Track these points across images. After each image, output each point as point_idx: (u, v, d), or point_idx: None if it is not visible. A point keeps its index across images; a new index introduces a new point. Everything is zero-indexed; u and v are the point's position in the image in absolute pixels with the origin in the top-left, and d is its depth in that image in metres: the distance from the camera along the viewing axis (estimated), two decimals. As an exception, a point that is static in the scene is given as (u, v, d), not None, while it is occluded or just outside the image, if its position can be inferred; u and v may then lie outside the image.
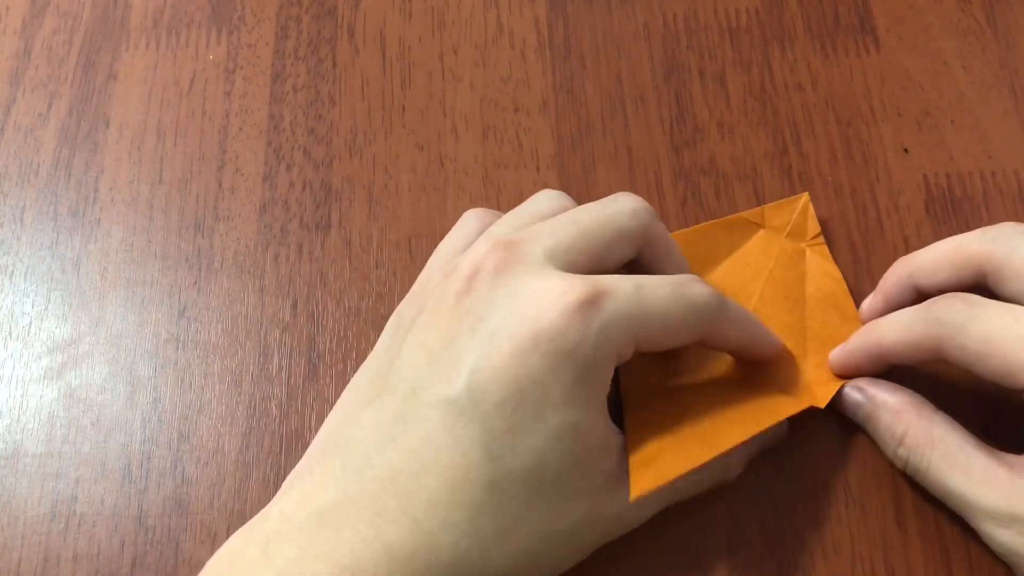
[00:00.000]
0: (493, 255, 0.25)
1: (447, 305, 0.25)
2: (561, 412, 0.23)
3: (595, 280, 0.24)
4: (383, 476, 0.23)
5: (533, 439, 0.23)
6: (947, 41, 0.36)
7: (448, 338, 0.24)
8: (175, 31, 0.38)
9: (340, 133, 0.36)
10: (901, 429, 0.27)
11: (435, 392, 0.24)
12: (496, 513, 0.23)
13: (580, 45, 0.36)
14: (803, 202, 0.32)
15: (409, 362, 0.25)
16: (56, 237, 0.35)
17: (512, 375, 0.23)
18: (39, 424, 0.32)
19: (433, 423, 0.24)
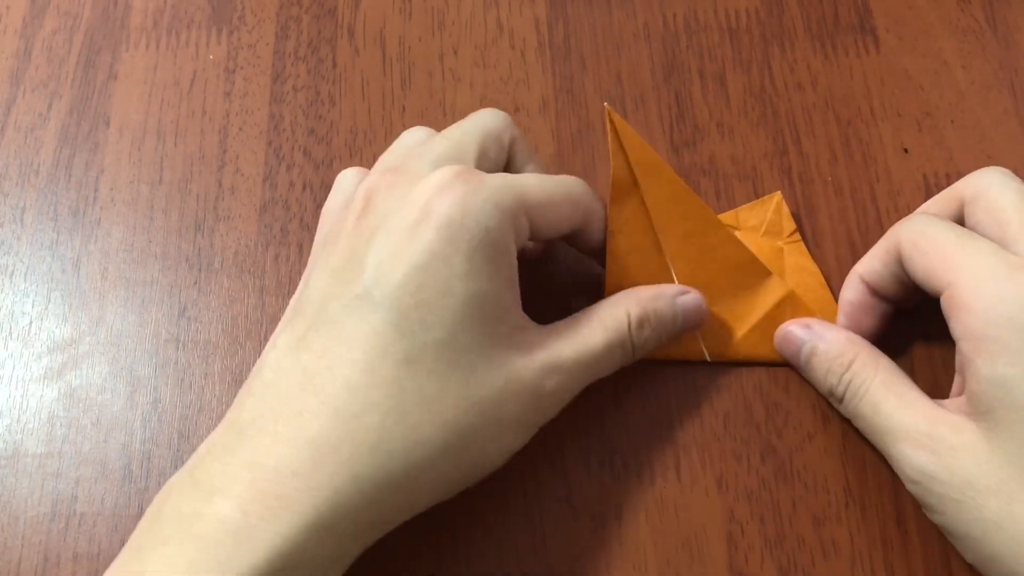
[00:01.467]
0: (383, 178, 0.27)
1: (347, 229, 0.26)
2: (465, 281, 0.24)
3: (482, 174, 0.26)
4: (299, 380, 0.24)
5: (442, 311, 0.24)
6: (947, 41, 0.36)
7: (350, 252, 0.25)
8: (175, 31, 0.38)
9: (340, 133, 0.36)
10: (851, 355, 0.28)
11: (345, 295, 0.25)
12: (416, 388, 0.24)
13: (580, 45, 0.36)
14: (776, 201, 0.33)
15: (316, 286, 0.26)
16: (56, 237, 0.35)
17: (411, 254, 0.24)
18: (39, 424, 0.32)
19: (343, 319, 0.24)
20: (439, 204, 0.25)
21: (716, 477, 0.29)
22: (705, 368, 0.31)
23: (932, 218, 0.27)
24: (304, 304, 0.26)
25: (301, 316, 0.26)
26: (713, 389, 0.31)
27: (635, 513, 0.29)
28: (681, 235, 0.30)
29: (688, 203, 0.30)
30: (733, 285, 0.31)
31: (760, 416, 0.30)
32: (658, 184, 0.30)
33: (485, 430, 0.25)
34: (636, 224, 0.30)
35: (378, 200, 0.26)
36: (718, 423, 0.30)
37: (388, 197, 0.26)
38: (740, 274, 0.31)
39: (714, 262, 0.30)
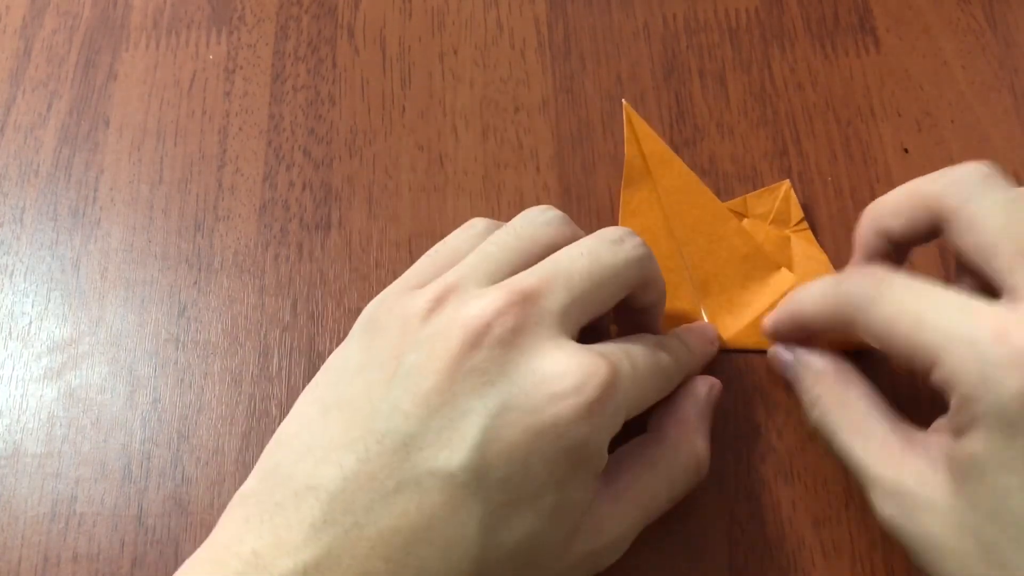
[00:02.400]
0: (509, 313, 0.23)
1: (451, 355, 0.23)
2: (561, 491, 0.23)
3: (608, 366, 0.23)
4: (372, 537, 0.22)
5: (530, 516, 0.23)
6: (947, 41, 0.36)
7: (450, 394, 0.22)
8: (175, 31, 0.38)
9: (340, 133, 0.36)
10: (817, 391, 0.27)
11: (434, 457, 0.22)
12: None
13: (580, 45, 0.36)
14: (784, 189, 0.33)
15: (401, 410, 0.23)
16: (56, 237, 0.35)
17: (522, 454, 0.22)
18: (39, 424, 0.32)
19: (430, 491, 0.22)
20: (568, 414, 0.22)
21: (716, 477, 0.29)
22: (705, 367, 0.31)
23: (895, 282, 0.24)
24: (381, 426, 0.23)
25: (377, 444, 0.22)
26: (713, 389, 0.31)
27: (635, 513, 0.29)
28: (691, 224, 0.32)
29: (698, 194, 0.32)
30: (741, 275, 0.31)
31: (760, 416, 0.30)
32: (669, 174, 0.32)
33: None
34: (648, 210, 0.32)
35: (493, 340, 0.23)
36: (718, 423, 0.30)
37: (507, 346, 0.23)
38: (748, 265, 0.31)
39: (723, 251, 0.32)
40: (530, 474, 0.22)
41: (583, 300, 0.25)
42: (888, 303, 0.24)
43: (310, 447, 0.23)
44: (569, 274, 0.25)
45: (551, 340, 0.23)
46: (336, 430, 0.23)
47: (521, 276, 0.25)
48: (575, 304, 0.24)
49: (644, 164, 0.32)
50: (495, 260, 0.26)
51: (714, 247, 0.32)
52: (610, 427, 0.24)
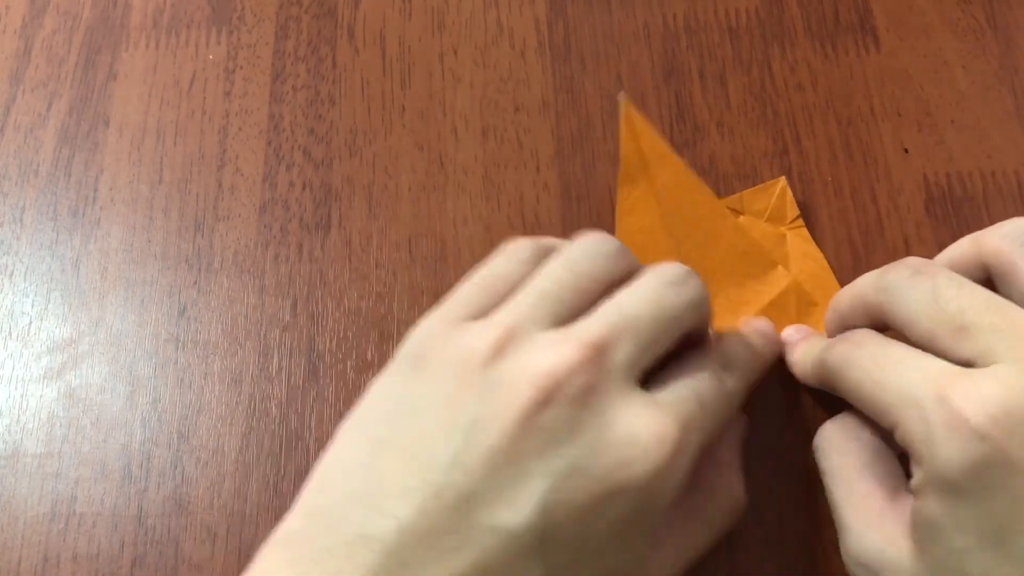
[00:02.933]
0: (581, 371, 0.22)
1: (519, 412, 0.22)
2: (621, 551, 0.22)
3: (677, 425, 0.23)
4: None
5: (591, 574, 0.22)
6: (947, 41, 0.36)
7: (515, 453, 0.21)
8: (175, 31, 0.38)
9: (340, 133, 0.36)
10: (827, 432, 0.27)
11: (495, 515, 0.21)
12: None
13: (580, 45, 0.36)
14: (780, 186, 0.33)
15: (462, 465, 0.21)
16: (56, 237, 0.35)
17: (588, 517, 0.21)
18: (39, 424, 0.32)
19: (490, 550, 0.21)
20: (643, 475, 0.22)
21: (716, 477, 0.29)
22: (705, 368, 0.31)
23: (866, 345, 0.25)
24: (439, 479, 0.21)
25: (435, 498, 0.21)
26: (713, 389, 0.31)
27: (635, 513, 0.29)
28: (688, 221, 0.32)
29: (695, 191, 0.32)
30: (739, 273, 0.31)
31: (760, 416, 0.30)
32: (667, 171, 0.31)
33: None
34: (645, 206, 0.32)
35: (563, 400, 0.22)
36: (718, 423, 0.30)
37: (579, 405, 0.22)
38: (745, 262, 0.31)
39: (719, 249, 0.31)
40: (593, 535, 0.22)
41: (649, 348, 0.24)
42: (855, 367, 0.24)
43: (360, 494, 0.22)
44: (636, 323, 0.24)
45: (620, 397, 0.23)
46: (389, 477, 0.22)
47: (589, 325, 0.23)
48: (642, 354, 0.24)
49: (641, 160, 0.32)
50: (555, 300, 0.24)
51: (711, 244, 0.32)
52: (678, 482, 0.23)
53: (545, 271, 0.25)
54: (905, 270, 0.25)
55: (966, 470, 0.21)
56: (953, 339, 0.23)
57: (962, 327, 0.22)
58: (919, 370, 0.23)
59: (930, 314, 0.23)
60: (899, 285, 0.24)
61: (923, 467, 0.22)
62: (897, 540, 0.23)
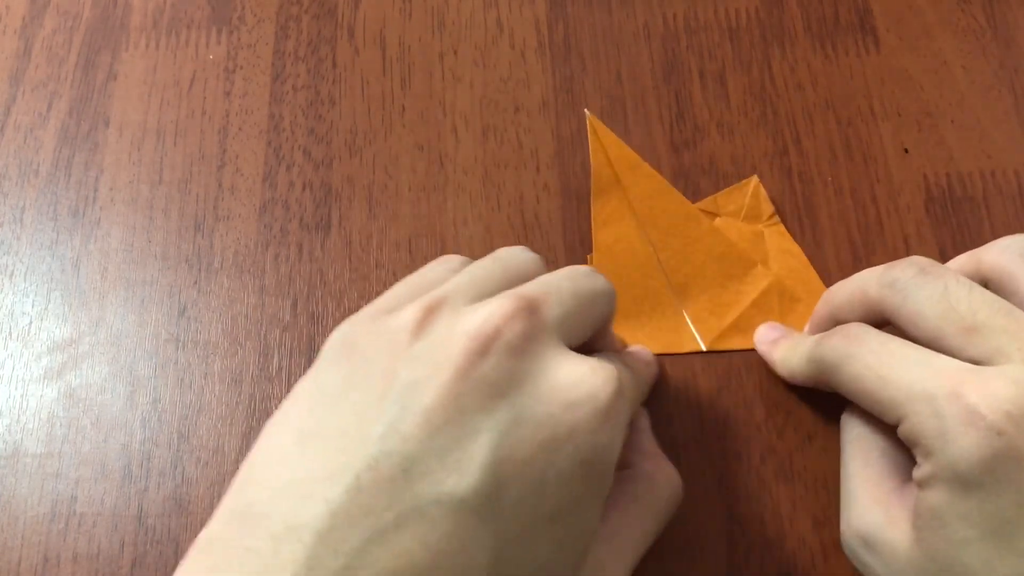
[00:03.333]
0: (518, 318, 0.21)
1: (455, 366, 0.20)
2: (573, 514, 0.21)
3: (614, 372, 0.22)
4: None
5: (544, 545, 0.21)
6: (947, 41, 0.36)
7: (455, 410, 0.20)
8: (175, 31, 0.38)
9: (340, 133, 0.36)
10: (850, 409, 0.27)
11: (440, 482, 0.19)
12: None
13: (580, 45, 0.36)
14: (753, 185, 0.33)
15: (398, 432, 0.20)
16: (56, 237, 0.35)
17: (538, 472, 0.20)
18: (39, 424, 0.32)
19: (437, 522, 0.19)
20: (586, 420, 0.21)
21: (716, 477, 0.29)
22: (705, 367, 0.31)
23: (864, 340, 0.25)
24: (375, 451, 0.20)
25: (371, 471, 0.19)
26: (713, 389, 0.31)
27: (635, 513, 0.29)
28: (664, 228, 0.32)
29: (669, 197, 0.32)
30: (719, 275, 0.32)
31: (760, 416, 0.30)
32: (638, 180, 0.32)
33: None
34: (620, 217, 0.32)
35: (502, 347, 0.21)
36: (718, 423, 0.30)
37: (518, 353, 0.21)
38: (725, 264, 0.32)
39: (698, 253, 0.32)
40: (546, 494, 0.21)
41: (575, 317, 0.24)
42: (856, 362, 0.25)
43: (288, 482, 0.20)
44: (560, 291, 0.24)
45: (558, 348, 0.22)
46: (319, 460, 0.20)
47: (518, 288, 0.23)
48: (569, 318, 0.23)
49: (612, 172, 0.33)
50: (481, 281, 0.24)
51: (689, 250, 0.32)
52: (620, 438, 0.23)
53: (473, 265, 0.25)
54: (912, 268, 0.25)
55: (979, 464, 0.21)
56: (962, 338, 0.23)
57: (972, 327, 0.23)
58: (929, 366, 0.23)
59: (940, 313, 0.23)
60: (907, 282, 0.24)
61: (933, 460, 0.22)
62: (899, 523, 0.24)
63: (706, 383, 0.31)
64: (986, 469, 0.21)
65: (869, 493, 0.26)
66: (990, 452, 0.21)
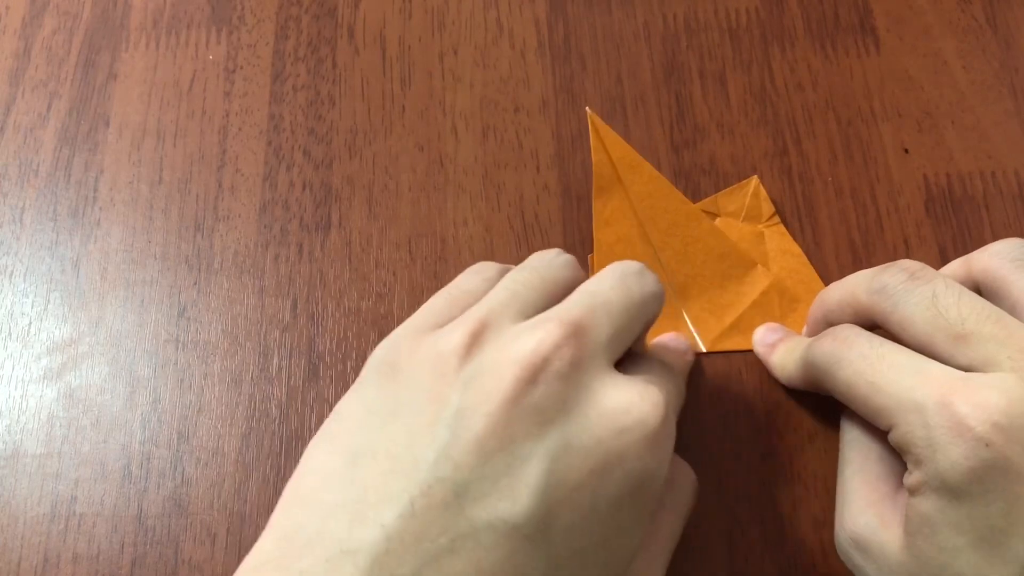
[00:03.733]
0: (567, 345, 0.22)
1: (505, 394, 0.21)
2: (625, 537, 0.22)
3: (662, 397, 0.22)
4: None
5: (593, 567, 0.21)
6: (947, 41, 0.36)
7: (507, 438, 0.20)
8: (175, 31, 0.38)
9: (340, 133, 0.36)
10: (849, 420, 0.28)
11: (492, 507, 0.20)
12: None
13: (580, 45, 0.36)
14: (753, 185, 0.33)
15: (451, 458, 0.20)
16: (56, 237, 0.35)
17: (589, 496, 0.21)
18: (39, 424, 0.32)
19: (489, 547, 0.20)
20: (635, 446, 0.21)
21: (716, 477, 0.29)
22: (705, 368, 0.31)
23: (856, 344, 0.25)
24: (427, 476, 0.20)
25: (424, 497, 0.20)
26: (713, 389, 0.31)
27: (635, 513, 0.29)
28: (665, 228, 0.32)
29: (669, 197, 0.32)
30: (720, 275, 0.32)
31: (760, 416, 0.30)
32: (640, 180, 0.32)
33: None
34: (621, 216, 0.32)
35: (551, 376, 0.21)
36: (718, 423, 0.30)
37: (566, 381, 0.21)
38: (725, 264, 0.32)
39: (699, 253, 0.32)
40: (596, 519, 0.21)
41: (623, 331, 0.24)
42: (847, 367, 0.25)
43: (339, 504, 0.20)
44: (609, 306, 0.23)
45: (606, 371, 0.22)
46: (371, 483, 0.20)
47: (565, 307, 0.23)
48: (617, 335, 0.23)
49: (613, 171, 0.33)
50: (523, 297, 0.24)
51: (690, 249, 0.32)
52: (668, 460, 0.23)
53: (510, 276, 0.25)
54: (901, 273, 0.25)
55: (967, 474, 0.21)
56: (952, 345, 0.23)
57: (961, 335, 0.23)
58: (919, 374, 0.23)
59: (929, 319, 0.23)
60: (896, 288, 0.24)
61: (923, 469, 0.22)
62: (892, 527, 0.24)
63: (706, 383, 0.31)
64: (974, 479, 0.21)
65: (864, 496, 0.26)
66: (978, 463, 0.21)
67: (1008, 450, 0.21)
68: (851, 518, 0.26)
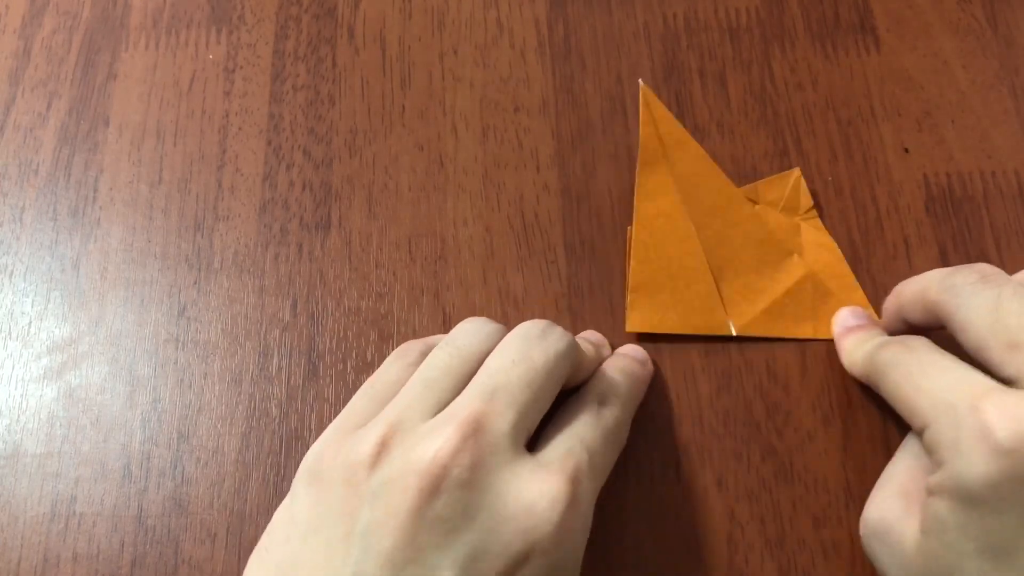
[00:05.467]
0: (464, 448, 0.22)
1: (408, 508, 0.22)
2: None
3: (569, 481, 0.23)
4: None
5: None
6: (947, 41, 0.36)
7: (414, 549, 0.21)
8: (175, 31, 0.38)
9: (340, 133, 0.36)
10: None
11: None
12: None
13: (580, 45, 0.36)
14: (795, 177, 0.33)
15: (364, 573, 0.21)
16: (56, 237, 0.35)
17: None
18: (39, 424, 0.32)
19: None
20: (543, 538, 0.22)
21: (716, 477, 0.29)
22: (705, 367, 0.31)
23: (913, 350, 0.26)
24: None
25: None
26: (713, 389, 0.31)
27: (635, 513, 0.29)
28: (707, 208, 0.32)
29: (714, 178, 0.33)
30: (756, 260, 0.32)
31: (760, 416, 0.30)
32: (685, 158, 0.32)
33: None
34: (663, 192, 0.32)
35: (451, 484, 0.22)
36: (718, 423, 0.30)
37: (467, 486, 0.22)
38: (763, 250, 0.32)
39: (738, 237, 0.32)
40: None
41: (529, 408, 0.24)
42: (901, 369, 0.25)
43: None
44: (509, 388, 0.24)
45: (508, 468, 0.23)
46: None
47: (464, 401, 0.24)
48: (522, 418, 0.24)
49: (660, 146, 0.33)
50: (438, 386, 0.25)
51: (730, 232, 0.32)
52: (583, 535, 0.23)
53: (428, 361, 0.26)
54: (973, 274, 0.25)
55: (985, 482, 0.21)
56: (1003, 353, 0.23)
57: (1015, 344, 0.23)
58: (959, 379, 0.23)
59: (988, 324, 0.23)
60: (964, 288, 0.24)
61: (943, 470, 0.22)
62: (911, 520, 0.24)
63: (706, 383, 0.31)
64: (990, 486, 0.21)
65: (898, 484, 0.26)
66: (996, 470, 0.21)
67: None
68: (878, 503, 0.26)
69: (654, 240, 0.32)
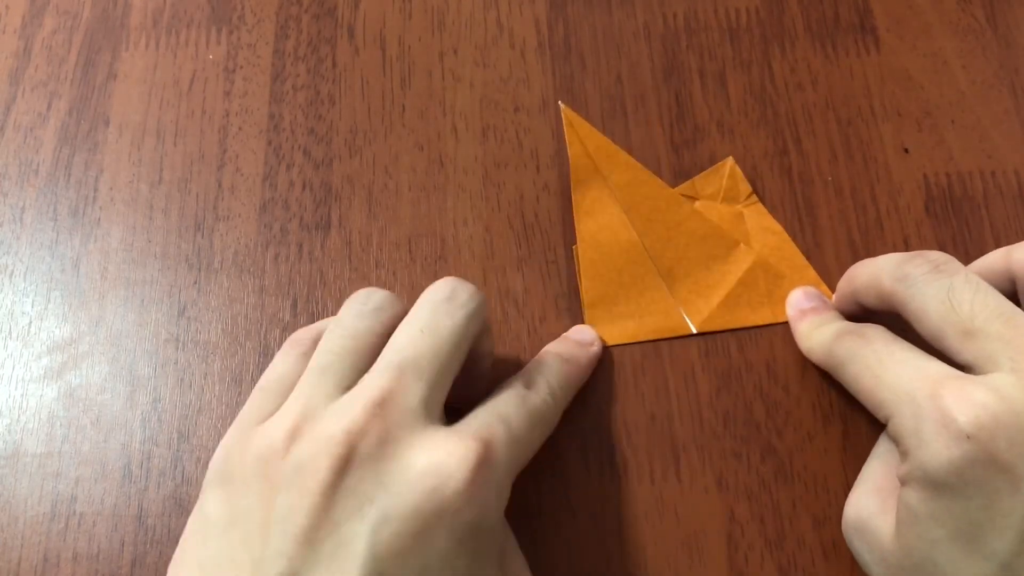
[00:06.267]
0: (371, 425, 0.23)
1: (322, 486, 0.22)
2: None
3: (477, 443, 0.23)
4: None
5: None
6: (947, 41, 0.36)
7: (330, 523, 0.22)
8: (175, 31, 0.38)
9: (340, 133, 0.36)
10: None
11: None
12: None
13: (580, 45, 0.36)
14: (729, 167, 0.34)
15: (283, 552, 0.21)
16: (56, 237, 0.35)
17: (418, 559, 0.22)
18: (39, 424, 0.32)
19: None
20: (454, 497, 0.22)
21: (716, 477, 0.29)
22: (705, 367, 0.31)
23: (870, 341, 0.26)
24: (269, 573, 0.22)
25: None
26: (713, 389, 0.31)
27: (635, 513, 0.29)
28: (647, 214, 0.32)
29: (649, 183, 0.33)
30: (704, 256, 0.32)
31: (760, 416, 0.30)
32: (618, 168, 0.33)
33: None
34: (602, 207, 0.32)
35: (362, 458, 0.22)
36: (718, 423, 0.30)
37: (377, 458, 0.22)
38: (708, 245, 0.32)
39: (682, 236, 0.32)
40: (431, 573, 0.22)
41: (438, 379, 0.24)
42: (860, 361, 0.25)
43: None
44: (416, 360, 0.24)
45: (417, 436, 0.23)
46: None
47: (372, 379, 0.24)
48: (432, 388, 0.24)
49: (591, 162, 0.33)
50: (337, 368, 0.25)
51: (672, 233, 0.32)
52: (498, 498, 0.23)
53: (320, 347, 0.26)
54: (925, 264, 0.25)
55: (948, 467, 0.22)
56: (959, 341, 0.23)
57: (969, 331, 0.23)
58: (918, 369, 0.23)
59: (941, 313, 0.24)
60: (917, 279, 0.25)
61: (910, 460, 0.23)
62: (887, 515, 0.25)
63: (706, 383, 0.31)
64: (954, 472, 0.22)
65: (874, 481, 0.26)
66: (959, 456, 0.21)
67: (991, 447, 0.21)
68: (856, 500, 0.26)
69: (600, 255, 0.32)
